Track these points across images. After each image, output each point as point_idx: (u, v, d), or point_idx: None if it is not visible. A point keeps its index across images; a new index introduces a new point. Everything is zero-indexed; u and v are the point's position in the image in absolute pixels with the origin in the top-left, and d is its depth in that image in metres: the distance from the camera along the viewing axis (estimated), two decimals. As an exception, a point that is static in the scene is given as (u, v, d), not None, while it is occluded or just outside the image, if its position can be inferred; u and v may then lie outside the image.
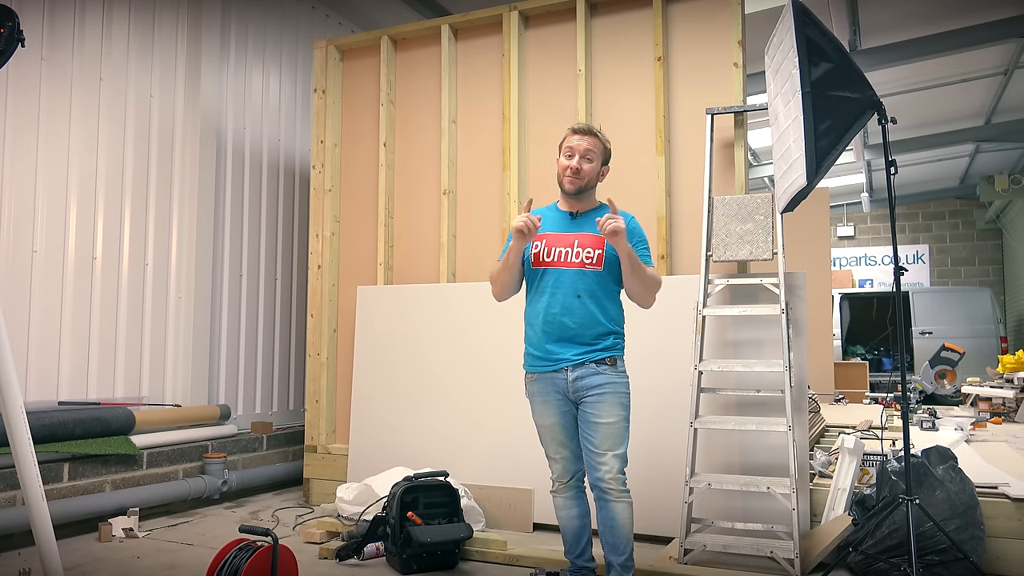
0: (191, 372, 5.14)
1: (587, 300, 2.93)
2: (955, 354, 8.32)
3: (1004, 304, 13.33)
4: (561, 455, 3.03)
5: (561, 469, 3.05)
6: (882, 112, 3.12)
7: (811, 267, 6.95)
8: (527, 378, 3.08)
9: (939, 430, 5.41)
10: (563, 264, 2.97)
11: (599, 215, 2.96)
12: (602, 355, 2.93)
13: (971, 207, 13.79)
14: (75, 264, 4.59)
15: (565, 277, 2.95)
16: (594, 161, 3.02)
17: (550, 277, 2.98)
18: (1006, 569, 3.31)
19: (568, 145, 3.02)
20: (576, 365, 2.92)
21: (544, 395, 3.00)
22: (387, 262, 5.03)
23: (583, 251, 2.97)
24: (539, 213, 3.08)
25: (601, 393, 2.89)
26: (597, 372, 2.91)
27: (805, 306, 3.90)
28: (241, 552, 2.84)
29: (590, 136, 3.02)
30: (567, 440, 3.01)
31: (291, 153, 6.18)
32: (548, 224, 3.05)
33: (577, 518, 3.07)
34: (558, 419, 2.99)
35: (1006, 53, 7.86)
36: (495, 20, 4.86)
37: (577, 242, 2.98)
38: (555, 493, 3.10)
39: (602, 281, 2.97)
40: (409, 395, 4.71)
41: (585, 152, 2.99)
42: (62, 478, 4.14)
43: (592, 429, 2.89)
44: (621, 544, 2.89)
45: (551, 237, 3.02)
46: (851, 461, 3.70)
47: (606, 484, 2.86)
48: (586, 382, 2.90)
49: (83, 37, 4.70)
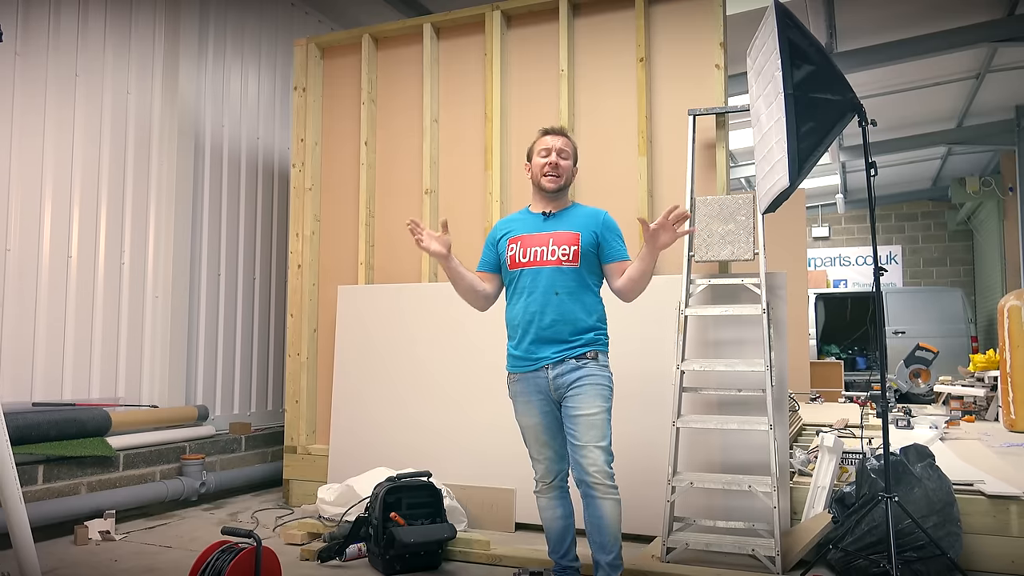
0: (168, 372, 5.08)
1: (565, 297, 2.94)
2: (929, 353, 8.45)
3: (975, 304, 13.56)
4: (544, 455, 3.03)
5: (544, 469, 3.04)
6: (862, 114, 3.16)
7: (787, 267, 7.02)
8: (509, 379, 3.09)
9: (914, 428, 5.50)
10: (539, 263, 2.98)
11: (572, 214, 3.05)
12: (582, 350, 2.93)
13: (943, 209, 14.03)
14: (50, 263, 4.51)
15: (542, 276, 2.96)
16: (569, 159, 3.08)
17: (527, 277, 2.99)
18: (982, 565, 3.37)
19: (543, 146, 3.06)
20: (556, 363, 2.92)
21: (526, 395, 3.00)
22: (368, 261, 5.00)
23: (559, 248, 2.97)
24: (511, 218, 3.18)
25: (580, 386, 2.88)
26: (576, 367, 2.90)
27: (785, 306, 3.94)
28: (224, 554, 2.80)
29: (563, 136, 3.10)
30: (550, 440, 3.00)
31: (270, 151, 6.12)
32: (521, 227, 3.09)
33: (561, 518, 3.06)
34: (540, 419, 2.98)
35: (977, 57, 8.01)
36: (477, 20, 4.85)
37: (552, 240, 2.99)
38: (539, 493, 3.08)
39: (579, 277, 2.98)
40: (390, 395, 4.69)
41: (560, 151, 3.05)
42: (36, 480, 4.07)
43: (573, 422, 2.88)
44: (609, 542, 2.86)
45: (525, 239, 3.04)
46: (830, 459, 3.74)
47: (592, 479, 2.83)
48: (566, 378, 2.90)
49: (58, 32, 4.62)
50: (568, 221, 3.04)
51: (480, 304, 3.17)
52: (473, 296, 3.13)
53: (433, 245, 2.99)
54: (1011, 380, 5.70)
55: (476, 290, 3.13)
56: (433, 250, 2.99)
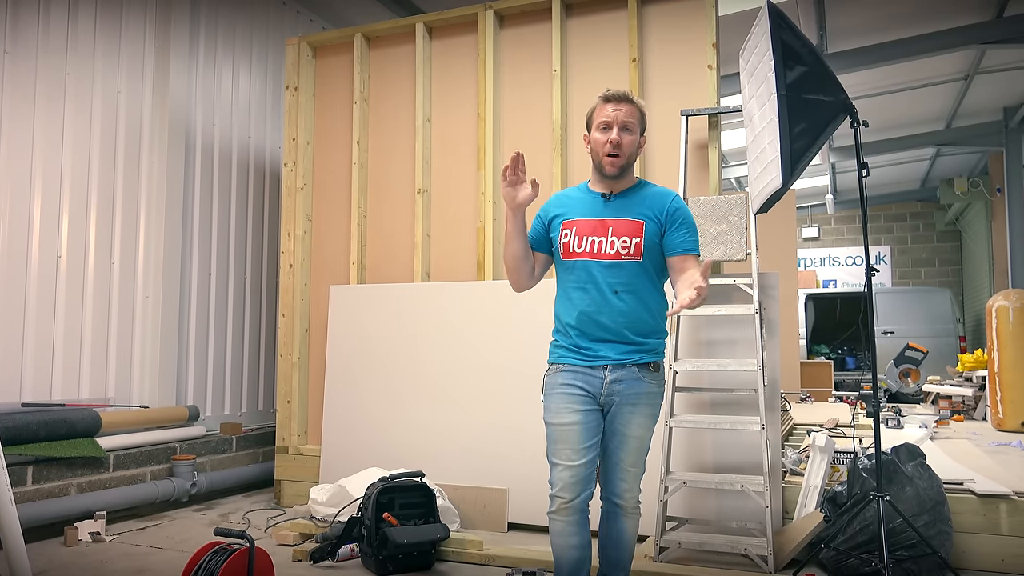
0: (158, 372, 5.05)
1: (626, 296, 2.51)
2: (919, 353, 8.50)
3: (963, 304, 13.66)
4: (572, 463, 2.47)
5: (569, 481, 2.47)
6: (855, 115, 3.18)
7: (778, 267, 7.06)
8: (551, 369, 2.61)
9: (904, 428, 5.53)
10: (596, 256, 2.54)
11: (637, 197, 2.58)
12: (647, 358, 2.53)
13: (931, 209, 14.13)
14: (39, 262, 4.48)
15: (598, 271, 2.53)
16: (633, 132, 2.57)
17: (581, 271, 2.55)
18: (972, 563, 3.40)
19: (603, 118, 2.55)
20: (617, 365, 2.50)
21: (568, 388, 2.52)
22: (360, 261, 4.99)
23: (618, 240, 2.53)
24: (566, 195, 2.70)
25: (637, 404, 2.51)
26: (639, 378, 2.51)
27: (777, 306, 3.95)
28: (216, 555, 2.79)
29: (627, 103, 2.57)
30: (584, 446, 2.48)
31: (261, 151, 6.10)
32: (578, 209, 2.62)
33: (577, 548, 2.52)
34: (579, 417, 2.49)
35: (966, 59, 8.06)
36: (470, 19, 4.85)
37: (612, 229, 2.54)
38: (555, 515, 2.50)
39: (643, 273, 2.54)
40: (383, 395, 4.68)
41: (624, 123, 2.54)
42: (26, 481, 4.03)
43: (622, 441, 2.52)
44: (625, 560, 2.64)
45: (581, 224, 2.58)
46: (822, 459, 3.75)
47: (624, 502, 2.56)
48: (624, 387, 2.49)
49: (47, 30, 4.59)
50: (632, 206, 2.57)
51: (523, 281, 2.65)
52: (520, 266, 2.61)
53: (523, 192, 2.51)
54: (999, 380, 5.74)
55: (527, 260, 2.63)
56: (521, 197, 2.50)
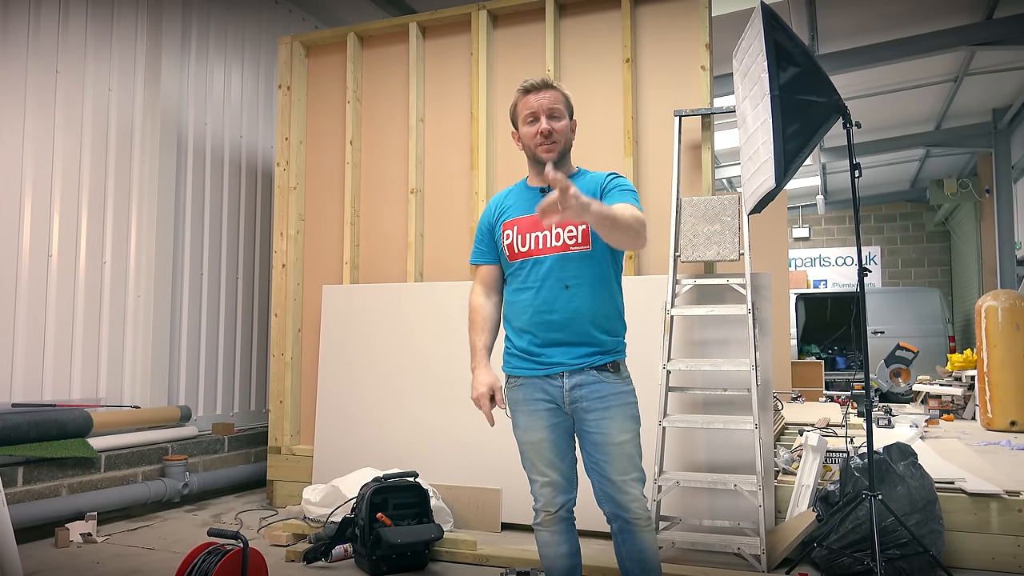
0: (150, 373, 5.03)
1: (577, 290, 2.35)
2: (910, 353, 8.55)
3: (952, 304, 13.74)
4: (549, 478, 2.40)
5: (548, 496, 2.41)
6: (847, 116, 3.19)
7: (769, 268, 7.09)
8: (508, 383, 2.47)
9: (895, 427, 5.57)
10: (542, 251, 2.38)
11: (576, 183, 2.33)
12: (604, 359, 2.37)
13: (921, 210, 14.21)
14: (30, 261, 4.45)
15: (547, 266, 2.37)
16: (562, 118, 2.42)
17: (529, 269, 2.40)
18: (963, 562, 3.42)
19: (528, 110, 2.40)
20: (574, 371, 2.35)
21: (530, 403, 2.40)
22: (353, 261, 4.98)
23: (563, 230, 2.37)
24: (503, 196, 2.57)
25: (607, 408, 2.34)
26: (600, 380, 2.35)
27: (770, 306, 3.97)
28: (210, 556, 2.78)
29: (549, 90, 2.41)
30: (557, 459, 2.40)
31: (253, 150, 6.08)
32: (518, 207, 2.48)
33: (567, 556, 2.44)
34: (547, 433, 2.39)
35: (956, 60, 8.12)
36: (464, 19, 4.85)
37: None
38: (540, 527, 2.45)
39: (594, 263, 2.38)
40: (376, 395, 4.67)
41: (550, 109, 2.39)
42: (16, 482, 4.01)
43: (602, 452, 2.34)
44: None
45: (522, 222, 2.43)
46: (814, 458, 3.77)
47: (632, 515, 2.34)
48: (586, 391, 2.34)
49: (38, 28, 4.56)
50: None
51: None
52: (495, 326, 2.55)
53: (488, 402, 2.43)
54: (988, 379, 5.78)
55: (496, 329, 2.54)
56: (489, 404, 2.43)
